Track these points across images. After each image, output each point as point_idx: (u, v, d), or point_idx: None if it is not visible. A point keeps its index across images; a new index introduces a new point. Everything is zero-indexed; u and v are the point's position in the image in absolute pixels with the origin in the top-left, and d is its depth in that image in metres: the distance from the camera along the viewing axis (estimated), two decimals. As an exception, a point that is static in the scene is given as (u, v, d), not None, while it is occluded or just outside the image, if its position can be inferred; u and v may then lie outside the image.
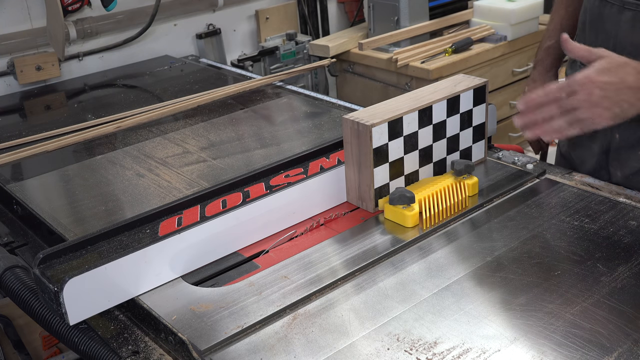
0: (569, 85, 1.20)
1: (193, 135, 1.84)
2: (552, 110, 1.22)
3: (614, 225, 1.27)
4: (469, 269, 1.18)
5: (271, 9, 2.93)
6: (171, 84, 2.35)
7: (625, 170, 1.48)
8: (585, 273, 1.15)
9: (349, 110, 1.90)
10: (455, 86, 1.43)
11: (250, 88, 2.17)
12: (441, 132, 1.41)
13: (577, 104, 1.20)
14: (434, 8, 2.77)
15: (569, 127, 1.22)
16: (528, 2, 2.75)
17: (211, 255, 1.25)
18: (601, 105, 1.20)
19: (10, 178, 1.69)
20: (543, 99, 1.22)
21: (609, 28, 1.44)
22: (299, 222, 1.35)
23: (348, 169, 1.37)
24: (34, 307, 1.20)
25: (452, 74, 2.39)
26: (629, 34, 1.40)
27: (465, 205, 1.37)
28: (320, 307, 1.12)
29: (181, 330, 1.06)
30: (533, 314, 1.06)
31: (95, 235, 1.26)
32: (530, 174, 1.47)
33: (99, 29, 2.51)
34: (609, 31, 1.44)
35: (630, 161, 1.47)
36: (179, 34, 2.75)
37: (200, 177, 1.59)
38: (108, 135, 1.90)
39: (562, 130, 1.23)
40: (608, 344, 0.99)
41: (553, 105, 1.22)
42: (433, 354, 1.00)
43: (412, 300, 1.11)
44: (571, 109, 1.21)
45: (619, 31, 1.41)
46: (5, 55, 2.36)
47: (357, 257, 1.23)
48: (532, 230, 1.28)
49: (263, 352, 1.03)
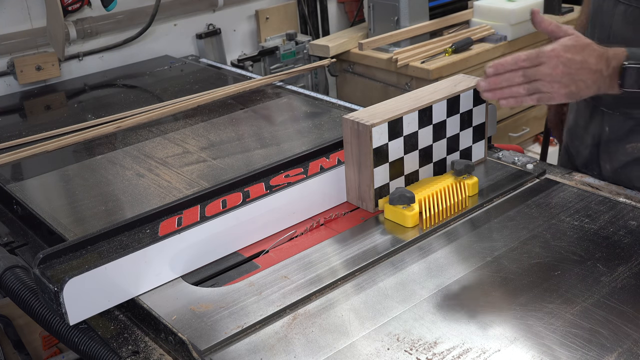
0: (537, 56, 1.24)
1: (193, 135, 1.84)
2: (516, 78, 1.26)
3: (614, 225, 1.27)
4: (469, 269, 1.18)
5: (271, 9, 2.93)
6: (171, 84, 2.35)
7: (614, 163, 1.50)
8: (585, 273, 1.15)
9: (349, 110, 1.90)
10: (455, 86, 1.43)
11: (250, 88, 2.17)
12: (441, 132, 1.41)
13: (540, 75, 1.24)
14: (434, 8, 2.77)
15: (526, 96, 1.27)
16: (528, 2, 2.75)
17: (211, 255, 1.25)
18: (561, 81, 1.24)
19: (10, 178, 1.69)
20: (511, 66, 1.26)
21: (605, 21, 1.47)
22: (299, 222, 1.35)
23: (348, 169, 1.37)
24: (34, 307, 1.20)
25: (452, 74, 2.39)
26: (621, 27, 1.42)
27: (465, 205, 1.37)
28: (320, 307, 1.12)
29: (181, 330, 1.06)
30: (533, 314, 1.06)
31: (95, 235, 1.26)
32: (530, 174, 1.47)
33: (99, 29, 2.51)
34: (605, 24, 1.47)
35: (618, 154, 1.49)
36: (179, 34, 2.75)
37: (200, 177, 1.59)
38: (108, 135, 1.90)
39: (519, 97, 1.27)
40: (608, 344, 0.99)
41: (519, 72, 1.26)
42: (433, 354, 1.00)
43: (412, 300, 1.11)
44: (533, 80, 1.25)
45: (613, 24, 1.44)
46: (5, 55, 2.36)
47: (357, 257, 1.23)
48: (532, 230, 1.28)
49: (263, 352, 1.03)
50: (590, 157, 1.56)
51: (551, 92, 1.25)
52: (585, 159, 1.58)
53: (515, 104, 1.29)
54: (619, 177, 1.49)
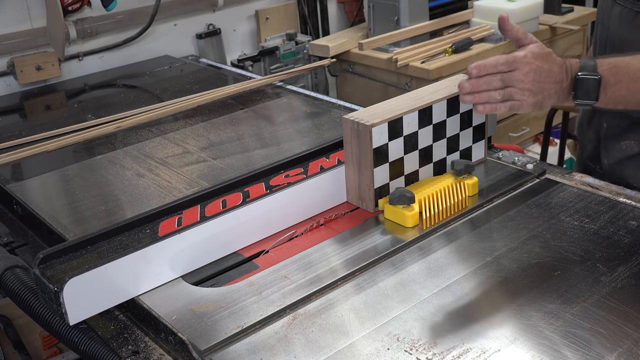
0: (513, 61, 1.24)
1: (193, 135, 1.84)
2: (494, 82, 1.25)
3: (614, 225, 1.27)
4: (469, 269, 1.18)
5: (271, 9, 2.93)
6: (171, 84, 2.35)
7: (610, 159, 1.54)
8: (585, 273, 1.15)
9: (349, 110, 1.90)
10: (455, 86, 1.42)
11: (250, 88, 2.17)
12: (441, 132, 1.41)
13: (514, 82, 1.24)
14: (434, 8, 2.77)
15: (501, 102, 1.26)
16: (528, 2, 2.75)
17: (211, 255, 1.25)
18: (531, 89, 1.24)
19: (10, 178, 1.69)
20: (491, 69, 1.25)
21: (604, 21, 1.49)
22: (299, 222, 1.35)
23: (348, 169, 1.37)
24: (34, 307, 1.20)
25: (452, 74, 2.39)
26: (617, 28, 1.44)
27: (465, 205, 1.37)
28: (320, 307, 1.12)
29: (181, 330, 1.06)
30: (533, 314, 1.06)
31: (95, 235, 1.26)
32: (530, 174, 1.47)
33: (99, 29, 2.51)
34: (604, 24, 1.50)
35: (614, 151, 1.53)
36: (179, 34, 2.75)
37: (200, 177, 1.59)
38: (108, 135, 1.90)
39: (494, 103, 1.26)
40: (608, 344, 0.99)
41: (497, 76, 1.25)
42: (433, 354, 1.00)
43: (412, 300, 1.11)
44: (508, 85, 1.24)
45: (611, 25, 1.46)
46: (5, 55, 2.36)
47: (357, 257, 1.23)
48: (532, 230, 1.28)
49: (263, 352, 1.03)
50: (593, 152, 1.60)
51: (521, 100, 1.24)
52: (590, 153, 1.62)
53: (491, 110, 1.28)
54: (615, 172, 1.53)
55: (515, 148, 1.66)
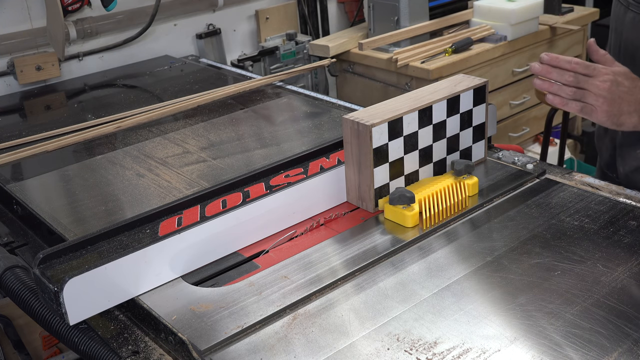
0: (594, 68, 1.26)
1: (193, 135, 1.84)
2: (567, 76, 1.27)
3: (614, 225, 1.27)
4: (469, 269, 1.18)
5: (271, 9, 2.93)
6: (171, 84, 2.35)
7: (626, 167, 1.53)
8: (585, 273, 1.15)
9: (349, 110, 1.90)
10: (455, 86, 1.43)
11: (250, 88, 2.17)
12: (441, 132, 1.41)
13: (589, 86, 1.25)
14: (434, 8, 2.77)
15: (571, 100, 1.27)
16: (528, 2, 2.75)
17: (211, 255, 1.25)
18: (606, 96, 1.25)
19: (10, 178, 1.69)
20: (565, 64, 1.27)
21: (618, 27, 1.49)
22: (299, 222, 1.35)
23: (348, 169, 1.37)
24: (34, 307, 1.20)
25: (452, 74, 2.39)
26: (631, 34, 1.43)
27: (465, 205, 1.37)
28: (320, 307, 1.12)
29: (181, 330, 1.06)
30: (533, 314, 1.06)
31: (95, 235, 1.26)
32: (530, 174, 1.47)
33: (99, 29, 2.51)
34: (618, 30, 1.50)
35: (630, 159, 1.51)
36: (179, 34, 2.75)
37: (200, 177, 1.59)
38: (108, 135, 1.90)
39: (565, 98, 1.28)
40: (608, 344, 0.99)
41: (570, 73, 1.27)
42: (433, 354, 1.00)
43: (412, 300, 1.11)
44: (582, 87, 1.26)
45: (624, 31, 1.45)
46: (5, 55, 2.36)
47: (357, 257, 1.23)
48: (532, 230, 1.28)
49: (263, 352, 1.03)
50: (610, 160, 1.60)
51: (595, 105, 1.25)
52: (606, 160, 1.62)
53: (560, 104, 1.29)
54: (630, 180, 1.52)
55: (515, 148, 1.66)
